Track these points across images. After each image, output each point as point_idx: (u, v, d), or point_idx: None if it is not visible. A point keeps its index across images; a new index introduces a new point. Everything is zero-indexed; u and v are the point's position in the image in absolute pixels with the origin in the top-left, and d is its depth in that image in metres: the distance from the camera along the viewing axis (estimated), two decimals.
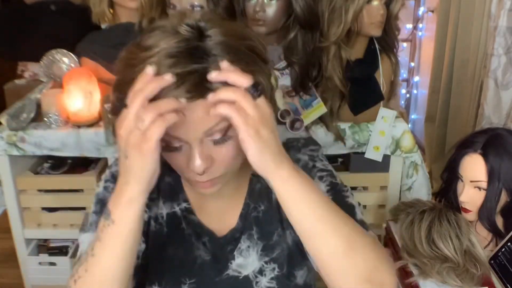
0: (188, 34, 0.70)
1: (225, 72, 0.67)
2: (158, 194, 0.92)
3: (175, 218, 0.91)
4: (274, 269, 0.90)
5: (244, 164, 0.89)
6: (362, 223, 0.82)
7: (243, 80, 0.66)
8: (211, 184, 0.78)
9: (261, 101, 0.67)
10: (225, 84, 0.68)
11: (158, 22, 0.74)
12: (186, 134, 0.72)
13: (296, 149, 0.93)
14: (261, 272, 0.90)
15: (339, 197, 0.87)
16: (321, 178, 0.90)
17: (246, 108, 0.65)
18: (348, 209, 0.84)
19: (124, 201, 0.70)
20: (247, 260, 0.90)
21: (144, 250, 0.90)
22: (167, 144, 0.74)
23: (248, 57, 0.73)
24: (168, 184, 0.92)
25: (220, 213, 0.91)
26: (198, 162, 0.72)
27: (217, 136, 0.72)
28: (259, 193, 0.92)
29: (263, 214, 0.91)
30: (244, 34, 0.76)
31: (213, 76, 0.66)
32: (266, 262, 0.90)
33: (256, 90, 0.67)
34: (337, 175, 0.92)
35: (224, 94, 0.66)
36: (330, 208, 0.73)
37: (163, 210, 0.92)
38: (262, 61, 0.76)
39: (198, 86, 0.68)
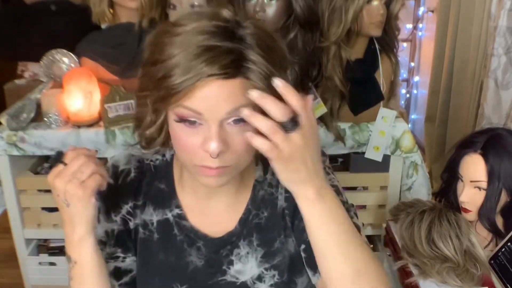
0: (226, 18, 0.72)
1: (265, 98, 0.67)
2: (144, 201, 0.91)
3: (167, 224, 0.91)
4: (274, 276, 0.89)
5: (248, 170, 0.89)
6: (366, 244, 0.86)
7: (279, 114, 0.66)
8: (218, 173, 0.76)
9: (295, 135, 0.67)
10: (260, 76, 0.70)
11: (197, 9, 0.77)
12: (209, 111, 0.71)
13: None
14: (260, 278, 0.89)
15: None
16: None
17: (277, 143, 0.66)
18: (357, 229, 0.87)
19: (75, 243, 0.81)
20: (245, 266, 0.90)
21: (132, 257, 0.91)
22: (184, 119, 0.73)
23: (280, 59, 0.74)
24: (160, 190, 0.91)
25: (218, 218, 0.91)
26: (214, 143, 0.72)
27: (239, 117, 0.73)
28: (262, 199, 0.91)
29: (266, 220, 0.90)
30: (277, 36, 0.78)
31: (253, 94, 0.67)
32: (266, 269, 0.89)
33: (292, 124, 0.66)
34: (343, 192, 0.92)
35: (257, 123, 0.67)
36: (348, 234, 0.74)
37: (153, 217, 0.91)
38: (286, 67, 0.77)
39: (232, 66, 0.69)
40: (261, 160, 0.92)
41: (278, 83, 0.66)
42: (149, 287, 0.91)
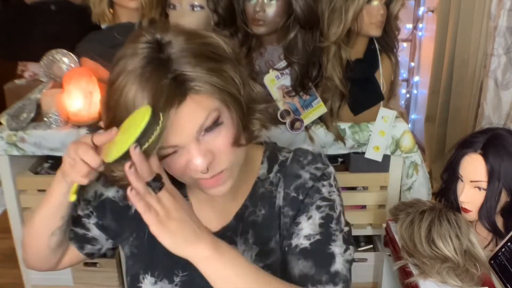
0: (147, 51, 0.73)
1: (134, 160, 0.68)
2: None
3: None
4: None
5: (252, 167, 0.90)
6: (334, 275, 0.83)
7: (143, 173, 0.69)
8: (217, 181, 0.78)
9: (163, 195, 0.69)
10: (204, 82, 0.71)
11: (118, 53, 0.77)
12: (180, 140, 0.73)
13: (300, 165, 0.90)
14: None
15: (324, 241, 0.86)
16: (318, 207, 0.87)
17: (151, 204, 0.68)
18: (325, 259, 0.84)
19: (57, 177, 0.82)
20: None
21: (133, 240, 0.94)
22: (163, 154, 0.75)
23: (213, 54, 0.74)
24: (174, 178, 0.92)
25: (216, 210, 0.91)
26: (198, 160, 0.73)
27: (209, 125, 0.74)
28: (262, 196, 0.91)
29: (263, 218, 0.90)
30: (202, 33, 0.78)
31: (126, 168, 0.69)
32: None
33: (157, 183, 0.69)
34: (340, 205, 0.90)
35: (132, 183, 0.68)
36: (256, 283, 0.74)
37: None
38: (227, 56, 0.77)
39: (179, 93, 0.70)
40: (267, 159, 0.93)
41: (133, 153, 0.68)
42: (151, 271, 0.91)
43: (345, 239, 0.88)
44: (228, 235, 0.90)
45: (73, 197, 0.79)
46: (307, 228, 0.86)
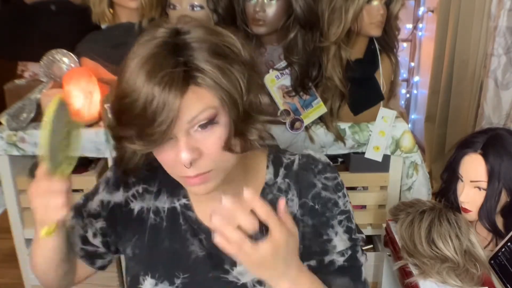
0: (165, 35, 0.73)
1: (236, 210, 0.67)
2: (159, 188, 0.93)
3: (174, 213, 0.92)
4: None
5: (257, 172, 0.90)
6: (364, 283, 0.91)
7: (247, 226, 0.67)
8: (200, 180, 0.77)
9: (263, 245, 0.69)
10: (209, 79, 0.71)
11: (140, 37, 0.76)
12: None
13: (313, 173, 0.91)
14: (260, 282, 0.89)
15: (354, 255, 0.91)
16: (340, 222, 0.90)
17: (245, 251, 0.68)
18: (358, 271, 0.91)
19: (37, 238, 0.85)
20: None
21: (135, 241, 0.94)
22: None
23: (226, 53, 0.74)
24: (172, 179, 0.91)
25: None
26: (184, 154, 0.73)
27: (203, 122, 0.74)
28: (271, 203, 0.88)
29: None
30: (221, 31, 0.78)
31: (226, 204, 0.67)
32: None
33: (261, 234, 0.68)
34: (352, 213, 0.93)
35: (229, 234, 0.67)
36: None
37: (165, 204, 0.93)
38: (240, 58, 0.76)
39: (183, 81, 0.70)
40: (272, 162, 0.92)
41: (247, 196, 0.68)
42: (152, 273, 0.91)
43: (362, 247, 0.93)
44: None
45: (49, 233, 0.80)
46: (339, 245, 0.90)
